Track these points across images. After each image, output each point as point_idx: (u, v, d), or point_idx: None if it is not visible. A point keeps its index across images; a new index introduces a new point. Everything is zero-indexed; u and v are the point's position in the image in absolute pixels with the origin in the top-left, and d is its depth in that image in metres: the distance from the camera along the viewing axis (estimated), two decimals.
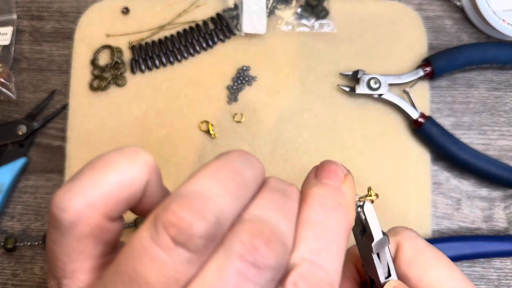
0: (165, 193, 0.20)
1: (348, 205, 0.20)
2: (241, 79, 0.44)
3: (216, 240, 0.15)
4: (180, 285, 0.15)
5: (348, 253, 0.27)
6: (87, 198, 0.16)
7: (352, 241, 0.23)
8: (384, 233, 0.22)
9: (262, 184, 0.19)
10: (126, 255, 0.15)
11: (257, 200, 0.18)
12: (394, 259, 0.24)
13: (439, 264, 0.23)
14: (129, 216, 0.41)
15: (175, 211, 0.15)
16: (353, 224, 0.21)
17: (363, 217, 0.22)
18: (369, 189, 0.23)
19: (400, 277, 0.23)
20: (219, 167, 0.17)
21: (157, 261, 0.15)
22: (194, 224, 0.15)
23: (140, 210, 0.19)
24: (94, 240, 0.17)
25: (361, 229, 0.23)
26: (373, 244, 0.22)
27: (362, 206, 0.22)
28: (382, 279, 0.22)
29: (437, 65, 0.43)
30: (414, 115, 0.42)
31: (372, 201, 0.22)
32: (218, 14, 0.45)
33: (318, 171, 0.21)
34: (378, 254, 0.22)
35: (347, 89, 0.43)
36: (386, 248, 0.22)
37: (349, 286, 0.25)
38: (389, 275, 0.23)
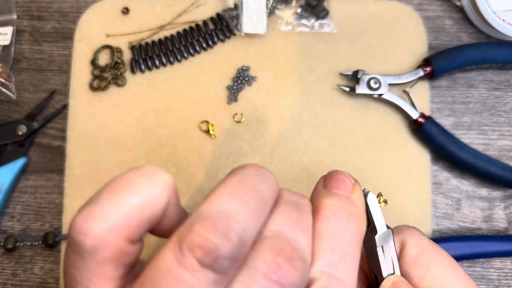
0: (182, 213, 0.20)
1: (359, 214, 0.20)
2: (241, 79, 0.44)
3: (240, 260, 0.15)
4: None
5: None
6: (108, 222, 0.16)
7: None
8: (388, 227, 0.22)
9: (277, 197, 0.19)
10: (151, 277, 0.15)
11: (274, 215, 0.18)
12: (399, 258, 0.24)
13: (443, 263, 0.23)
14: None
15: (200, 232, 0.15)
16: (365, 231, 0.21)
17: (367, 208, 0.22)
18: (380, 194, 0.23)
19: (404, 275, 0.23)
20: (238, 185, 0.17)
21: (184, 283, 0.14)
22: (220, 246, 0.15)
23: (159, 231, 0.19)
24: (115, 264, 0.17)
25: (367, 224, 0.23)
26: (376, 237, 0.22)
27: (365, 196, 0.22)
28: (384, 274, 0.22)
29: (437, 65, 0.43)
30: (414, 115, 0.42)
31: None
32: (218, 14, 0.45)
33: (326, 181, 0.21)
34: (382, 248, 0.22)
35: (347, 89, 0.43)
36: (391, 242, 0.22)
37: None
38: (394, 273, 0.23)
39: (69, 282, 0.17)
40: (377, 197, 0.23)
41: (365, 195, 0.22)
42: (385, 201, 0.23)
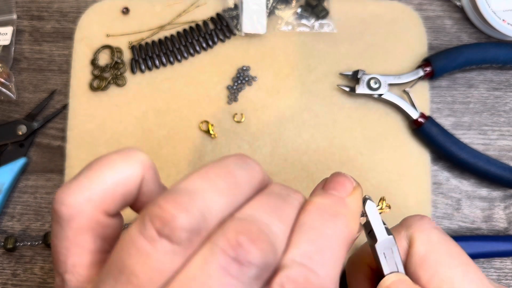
0: (162, 191, 0.21)
1: (349, 216, 0.19)
2: (241, 79, 0.44)
3: (202, 235, 0.16)
4: (164, 276, 0.15)
5: (362, 252, 0.26)
6: (84, 194, 0.17)
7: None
8: (389, 233, 0.22)
9: (263, 188, 0.19)
10: (116, 249, 0.16)
11: (252, 201, 0.18)
12: (407, 256, 0.23)
13: (453, 262, 0.22)
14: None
15: (161, 205, 0.16)
16: (356, 235, 0.20)
17: (366, 216, 0.21)
18: (382, 199, 0.23)
19: (412, 275, 0.22)
20: (212, 168, 0.18)
21: (143, 252, 0.15)
22: (178, 217, 0.15)
23: (138, 207, 0.20)
24: (92, 235, 0.18)
25: (368, 231, 0.22)
26: (376, 245, 0.21)
27: (364, 202, 0.21)
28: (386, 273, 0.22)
29: (437, 65, 0.43)
30: (414, 115, 0.42)
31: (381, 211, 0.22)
32: (218, 14, 0.45)
33: (326, 183, 0.21)
34: (385, 255, 0.22)
35: (347, 89, 0.43)
36: (394, 249, 0.22)
37: (365, 286, 0.25)
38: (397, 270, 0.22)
39: (53, 253, 0.18)
40: (380, 201, 0.22)
41: (364, 201, 0.21)
42: (388, 206, 0.22)
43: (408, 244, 0.23)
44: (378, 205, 0.22)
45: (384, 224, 0.22)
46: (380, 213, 0.21)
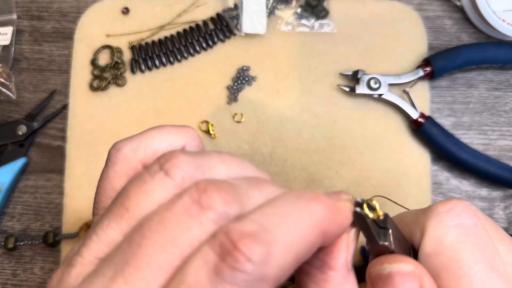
0: None
1: (330, 206, 0.18)
2: (241, 79, 0.44)
3: (193, 181, 0.17)
4: (149, 204, 0.17)
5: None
6: (132, 145, 0.21)
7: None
8: (384, 239, 0.19)
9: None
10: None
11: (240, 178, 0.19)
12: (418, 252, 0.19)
13: (457, 273, 0.17)
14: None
15: (171, 151, 0.18)
16: (332, 232, 0.18)
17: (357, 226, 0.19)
18: (368, 201, 0.19)
19: None
20: (226, 154, 0.20)
21: (141, 180, 0.17)
22: (180, 159, 0.17)
23: None
24: (127, 180, 0.19)
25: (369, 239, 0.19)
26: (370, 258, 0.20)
27: (355, 207, 0.19)
28: None
29: (437, 65, 0.43)
30: (414, 115, 0.42)
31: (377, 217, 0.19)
32: (218, 14, 0.45)
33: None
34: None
35: (347, 89, 0.43)
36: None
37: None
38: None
39: (95, 194, 0.20)
40: (370, 207, 0.19)
41: (355, 207, 0.19)
42: (386, 215, 0.19)
43: (420, 238, 0.19)
44: (372, 211, 0.19)
45: (382, 225, 0.19)
46: (375, 219, 0.19)
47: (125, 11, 0.45)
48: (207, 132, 0.43)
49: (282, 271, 0.15)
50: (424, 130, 0.42)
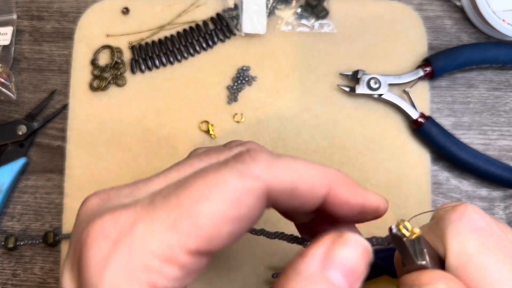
0: None
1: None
2: (241, 79, 0.44)
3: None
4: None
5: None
6: None
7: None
8: (422, 258, 0.19)
9: None
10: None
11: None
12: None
13: (488, 280, 0.18)
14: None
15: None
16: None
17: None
18: (401, 222, 0.19)
19: None
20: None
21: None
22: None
23: None
24: None
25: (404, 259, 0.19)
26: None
27: (391, 232, 0.19)
28: None
29: (437, 65, 0.43)
30: (414, 115, 0.42)
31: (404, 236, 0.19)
32: (218, 14, 0.45)
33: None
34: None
35: (347, 89, 0.43)
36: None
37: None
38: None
39: None
40: (399, 226, 0.19)
41: (391, 231, 0.19)
42: (415, 232, 0.19)
43: (444, 255, 0.19)
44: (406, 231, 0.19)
45: (417, 244, 0.19)
46: (408, 239, 0.19)
47: (125, 11, 0.45)
48: (207, 132, 0.43)
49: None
50: (424, 130, 0.42)
